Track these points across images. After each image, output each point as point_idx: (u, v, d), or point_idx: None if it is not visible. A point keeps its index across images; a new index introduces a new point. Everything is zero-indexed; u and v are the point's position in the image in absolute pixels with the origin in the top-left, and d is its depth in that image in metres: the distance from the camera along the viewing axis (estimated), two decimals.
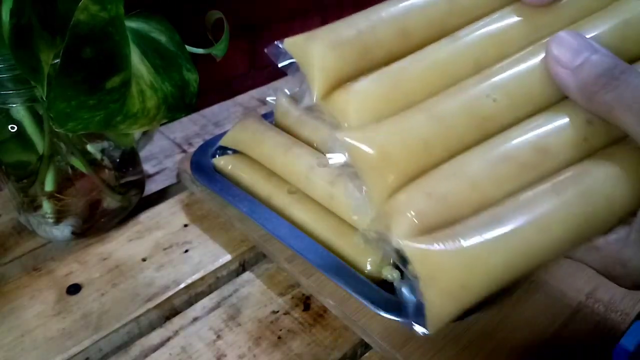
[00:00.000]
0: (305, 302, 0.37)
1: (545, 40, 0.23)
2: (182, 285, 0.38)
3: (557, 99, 0.23)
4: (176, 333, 0.35)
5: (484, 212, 0.22)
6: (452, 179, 0.22)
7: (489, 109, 0.23)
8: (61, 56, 0.27)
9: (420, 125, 0.23)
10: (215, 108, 0.60)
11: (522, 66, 0.23)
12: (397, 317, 0.32)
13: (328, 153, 0.24)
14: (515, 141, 0.22)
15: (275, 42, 0.25)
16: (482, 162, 0.22)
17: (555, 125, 0.22)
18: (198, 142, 0.53)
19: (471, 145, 0.23)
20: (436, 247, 0.21)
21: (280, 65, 0.25)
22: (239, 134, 0.46)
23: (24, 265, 0.40)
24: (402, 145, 0.22)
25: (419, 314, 0.22)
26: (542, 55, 0.23)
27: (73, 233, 0.41)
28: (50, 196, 0.39)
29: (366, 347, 0.35)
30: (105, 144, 0.40)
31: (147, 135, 0.54)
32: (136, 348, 0.34)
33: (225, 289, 0.38)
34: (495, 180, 0.22)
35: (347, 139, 0.23)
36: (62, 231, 0.40)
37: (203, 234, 0.43)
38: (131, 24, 0.33)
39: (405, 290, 0.24)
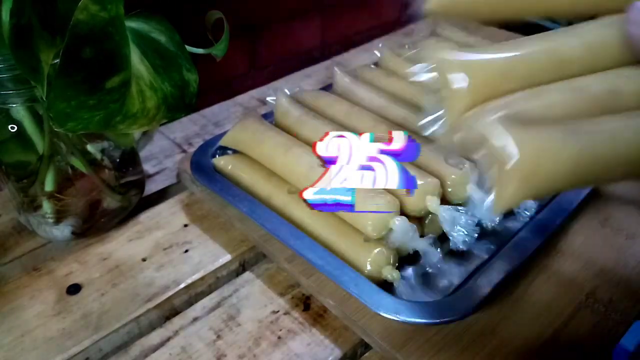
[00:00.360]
0: (305, 302, 0.37)
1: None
2: (182, 285, 0.38)
3: (629, 61, 0.25)
4: (176, 333, 0.35)
5: (557, 122, 0.24)
6: (528, 100, 0.25)
7: (568, 53, 0.26)
8: (61, 56, 0.27)
9: (502, 57, 0.26)
10: (215, 108, 0.60)
11: (601, 25, 0.26)
12: (397, 317, 0.33)
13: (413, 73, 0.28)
14: (590, 80, 0.25)
15: None
16: (557, 90, 0.25)
17: (629, 77, 0.25)
18: (198, 142, 0.53)
19: (548, 83, 0.26)
20: (515, 131, 0.23)
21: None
22: (239, 134, 0.46)
23: (24, 265, 0.40)
24: (485, 72, 0.26)
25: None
26: (621, 21, 0.25)
27: (73, 233, 0.41)
28: (50, 196, 0.39)
29: (366, 347, 0.35)
30: (105, 144, 0.40)
31: (147, 135, 0.54)
32: (136, 348, 0.34)
33: (225, 289, 0.38)
34: (569, 106, 0.25)
35: (442, 59, 0.26)
36: (62, 231, 0.40)
37: (203, 234, 0.43)
38: (131, 24, 0.33)
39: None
